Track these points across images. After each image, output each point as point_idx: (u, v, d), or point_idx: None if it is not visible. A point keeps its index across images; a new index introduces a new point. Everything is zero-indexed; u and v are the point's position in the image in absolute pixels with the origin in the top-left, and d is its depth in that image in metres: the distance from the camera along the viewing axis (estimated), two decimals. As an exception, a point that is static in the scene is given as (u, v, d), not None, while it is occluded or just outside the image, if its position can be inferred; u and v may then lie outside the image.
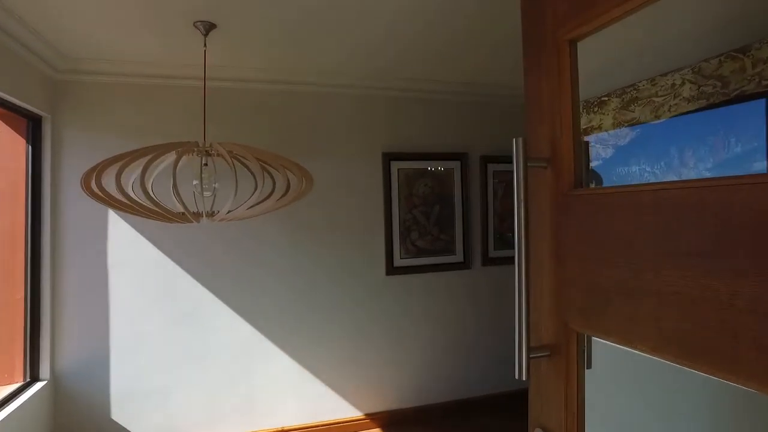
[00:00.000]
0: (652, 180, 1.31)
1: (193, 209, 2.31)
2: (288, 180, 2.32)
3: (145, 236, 3.04)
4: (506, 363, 3.86)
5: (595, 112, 1.53)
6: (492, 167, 3.78)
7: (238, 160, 2.37)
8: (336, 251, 3.38)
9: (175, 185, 2.01)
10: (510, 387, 3.84)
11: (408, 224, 3.55)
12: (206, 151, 2.23)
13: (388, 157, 3.47)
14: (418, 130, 3.60)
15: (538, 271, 1.17)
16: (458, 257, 3.69)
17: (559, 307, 1.11)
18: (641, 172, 1.31)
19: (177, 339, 3.10)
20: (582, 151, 1.11)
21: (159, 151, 2.07)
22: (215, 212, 2.32)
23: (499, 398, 3.77)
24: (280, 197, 2.25)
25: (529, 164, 1.13)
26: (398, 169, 3.51)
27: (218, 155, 2.22)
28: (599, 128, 1.50)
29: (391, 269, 3.49)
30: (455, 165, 3.66)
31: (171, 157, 2.14)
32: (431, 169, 3.59)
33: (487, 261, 3.77)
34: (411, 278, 3.56)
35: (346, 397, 3.41)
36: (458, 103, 3.71)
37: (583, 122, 1.59)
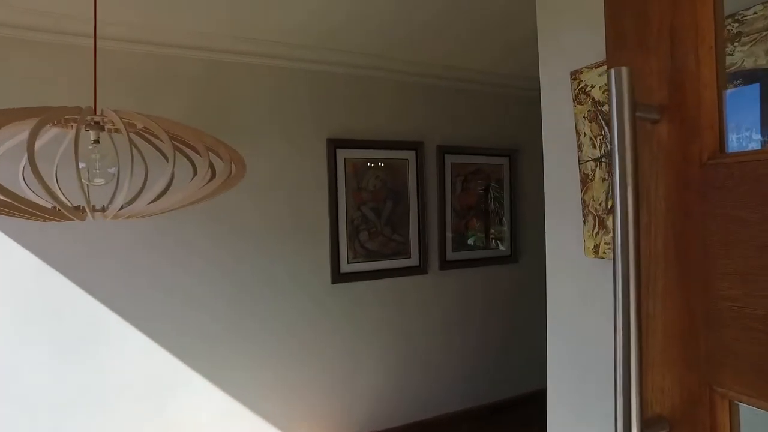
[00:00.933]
0: None
1: (81, 202, 1.68)
2: (211, 164, 1.75)
3: (15, 238, 2.31)
4: (469, 380, 3.48)
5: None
6: (450, 159, 3.38)
7: (142, 136, 1.76)
8: (271, 255, 2.81)
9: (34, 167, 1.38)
10: (475, 403, 3.46)
11: (356, 223, 3.05)
12: (96, 122, 1.61)
13: (334, 145, 2.96)
14: (368, 114, 3.11)
15: (646, 294, 0.72)
16: (413, 260, 3.24)
17: (691, 356, 0.66)
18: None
19: (65, 375, 2.39)
20: (725, 95, 0.67)
21: (17, 117, 1.43)
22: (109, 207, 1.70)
23: (463, 417, 3.38)
24: (203, 186, 1.68)
25: (637, 114, 0.67)
26: (345, 159, 3.01)
27: (114, 129, 1.61)
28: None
29: (338, 276, 2.98)
30: (409, 155, 3.22)
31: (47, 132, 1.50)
32: (381, 163, 3.12)
33: (445, 264, 3.36)
34: (360, 286, 3.07)
35: (285, 430, 2.85)
36: (415, 86, 3.27)
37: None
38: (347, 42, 2.78)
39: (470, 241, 3.49)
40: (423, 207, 3.25)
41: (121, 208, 1.63)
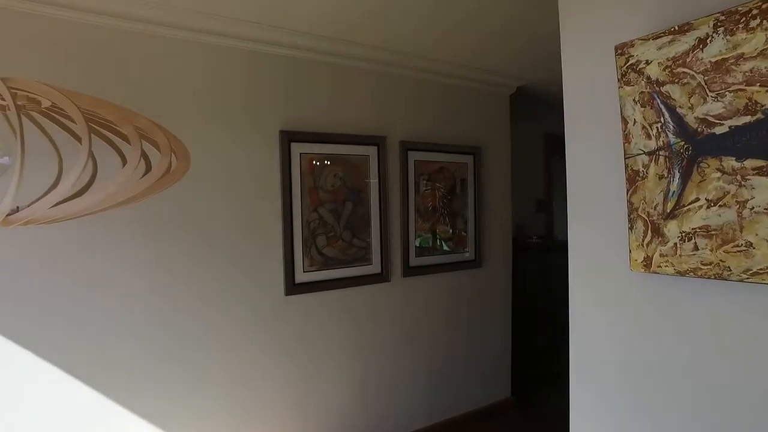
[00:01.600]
0: None
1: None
2: (144, 154, 1.34)
3: None
4: (434, 394, 3.21)
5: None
6: (413, 156, 3.09)
7: (52, 117, 1.31)
8: (214, 267, 2.39)
9: None
10: (441, 418, 3.21)
11: (313, 226, 2.69)
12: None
13: (288, 137, 2.58)
14: (327, 104, 2.75)
15: None
16: (375, 267, 2.92)
17: None
18: None
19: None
20: None
21: None
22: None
23: (423, 437, 3.11)
24: (134, 182, 1.26)
25: None
26: (301, 154, 2.63)
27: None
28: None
29: (293, 287, 2.60)
30: (371, 152, 2.89)
31: None
32: (341, 160, 2.77)
33: (409, 271, 3.07)
34: (317, 297, 2.71)
35: (230, 468, 2.44)
36: (380, 75, 2.95)
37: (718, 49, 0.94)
38: (299, 21, 2.41)
39: (435, 245, 3.23)
40: (385, 208, 2.94)
41: (16, 210, 1.18)
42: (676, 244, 1.02)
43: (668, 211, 1.03)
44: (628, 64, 1.09)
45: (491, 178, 3.53)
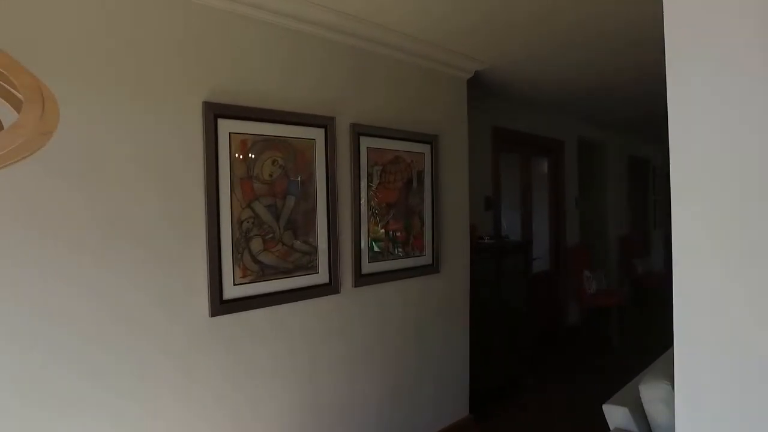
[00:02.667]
0: None
1: None
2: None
3: None
4: (392, 416, 2.75)
5: None
6: (366, 142, 2.61)
7: None
8: (114, 278, 1.76)
9: None
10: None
11: (247, 227, 2.12)
12: None
13: (214, 112, 1.99)
14: (265, 72, 2.19)
15: None
16: (322, 276, 2.41)
17: None
18: None
19: None
20: None
21: None
22: None
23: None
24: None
25: None
26: (231, 134, 2.06)
27: None
28: None
29: (220, 305, 2.02)
30: (317, 135, 2.37)
31: None
32: (281, 143, 2.23)
33: (361, 279, 2.59)
34: (252, 317, 2.14)
35: None
36: (331, 44, 2.44)
37: None
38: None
39: (389, 249, 2.77)
40: (333, 204, 2.43)
41: None
42: None
43: None
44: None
45: (449, 172, 3.13)
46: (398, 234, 2.81)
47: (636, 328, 5.87)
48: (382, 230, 2.72)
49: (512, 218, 4.97)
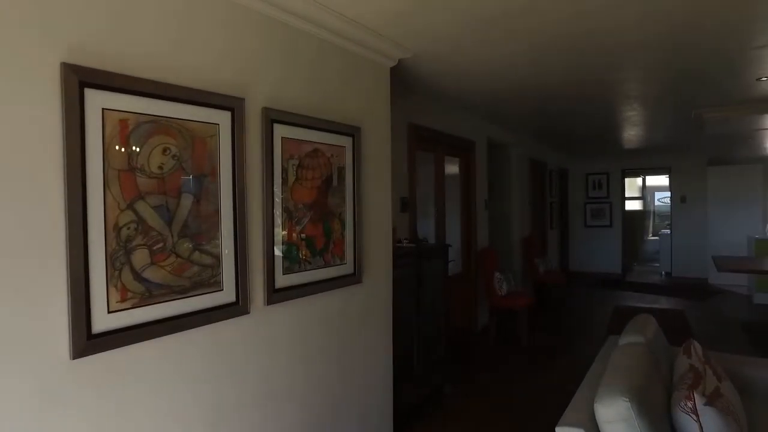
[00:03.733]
0: None
1: None
2: None
3: None
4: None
5: None
6: (281, 131, 2.19)
7: None
8: None
9: None
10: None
11: (127, 234, 1.61)
12: None
13: (80, 78, 1.46)
14: (153, 32, 1.69)
15: None
16: (227, 294, 1.95)
17: None
18: None
19: None
20: None
21: None
22: None
23: None
24: None
25: None
26: (105, 111, 1.54)
27: None
28: None
29: (87, 341, 1.49)
30: (222, 119, 1.91)
31: None
32: (175, 127, 1.74)
33: (274, 295, 2.16)
34: (135, 353, 1.64)
35: None
36: (244, 11, 1.98)
37: None
38: None
39: (307, 256, 2.37)
40: (242, 205, 1.99)
41: None
42: None
43: None
44: None
45: (372, 169, 2.81)
46: (317, 240, 2.43)
47: (541, 327, 6.01)
48: (299, 235, 2.32)
49: (426, 220, 4.79)
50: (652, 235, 12.13)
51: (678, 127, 6.36)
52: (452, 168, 5.35)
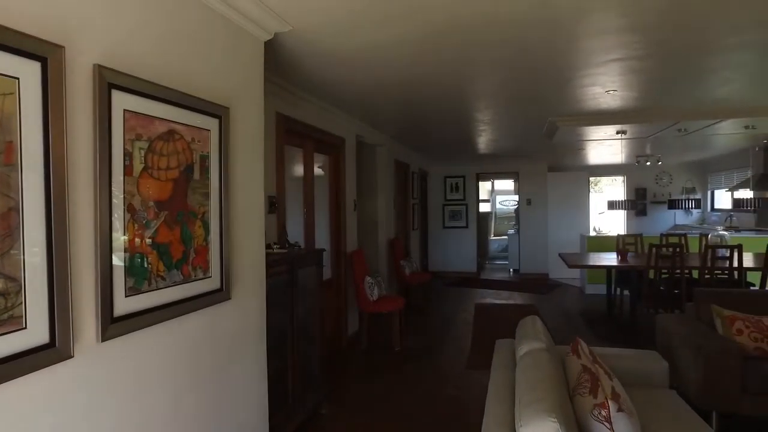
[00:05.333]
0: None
1: None
2: None
3: None
4: None
5: None
6: (125, 101, 1.60)
7: None
8: None
9: None
10: None
11: None
12: None
13: None
14: None
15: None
16: (34, 333, 1.32)
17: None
18: None
19: None
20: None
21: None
22: None
23: None
24: None
25: None
26: None
27: None
28: None
29: None
30: (25, 71, 1.29)
31: None
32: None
33: (114, 327, 1.56)
34: None
35: None
36: None
37: None
38: None
39: (161, 271, 1.80)
40: (59, 202, 1.37)
41: None
42: None
43: None
44: None
45: (243, 160, 2.31)
46: (173, 248, 1.87)
47: (412, 329, 5.93)
48: (149, 243, 1.74)
49: (294, 222, 4.33)
50: (494, 236, 13.12)
51: (529, 135, 6.81)
52: (323, 165, 4.97)
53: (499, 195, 13.56)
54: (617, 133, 5.95)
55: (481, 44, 2.95)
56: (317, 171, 4.80)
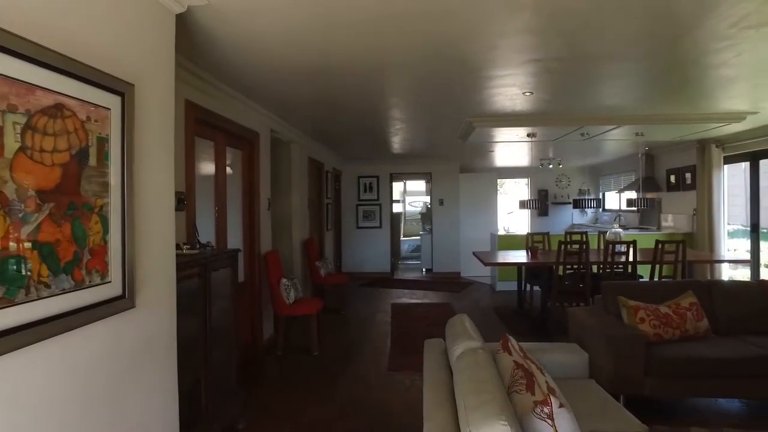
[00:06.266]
0: None
1: None
2: None
3: None
4: None
5: None
6: (-7, 62, 1.28)
7: None
8: None
9: None
10: None
11: None
12: None
13: None
14: None
15: None
16: None
17: None
18: None
19: None
20: None
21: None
22: None
23: None
24: None
25: None
26: None
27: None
28: None
29: None
30: None
31: None
32: None
33: (-20, 346, 1.24)
34: None
35: None
36: None
37: None
38: None
39: (44, 277, 1.47)
40: None
41: None
42: None
43: None
44: None
45: (150, 145, 2.00)
46: (61, 248, 1.54)
47: (328, 332, 5.73)
48: (28, 242, 1.41)
49: (206, 221, 3.97)
50: (404, 236, 13.29)
51: (443, 136, 6.91)
52: (235, 160, 4.63)
53: (409, 196, 13.77)
54: (528, 135, 6.20)
55: (397, 35, 2.85)
56: (230, 166, 4.45)
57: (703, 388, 3.36)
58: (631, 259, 5.49)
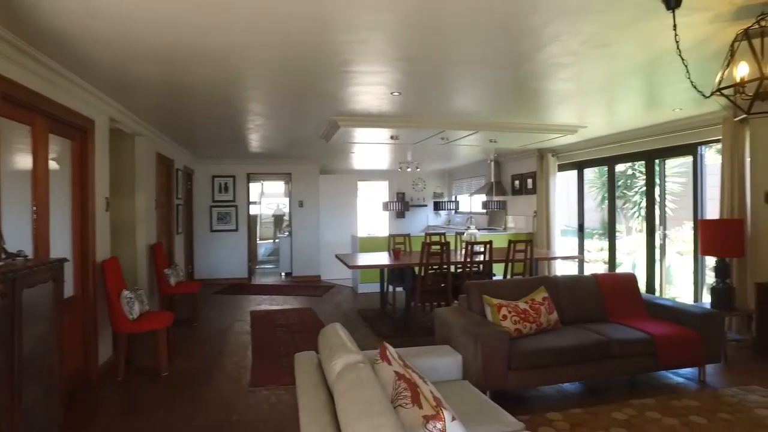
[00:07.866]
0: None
1: None
2: None
3: None
4: None
5: None
6: None
7: None
8: None
9: None
10: None
11: None
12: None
13: None
14: None
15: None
16: None
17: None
18: None
19: None
20: None
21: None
22: None
23: None
24: None
25: None
26: None
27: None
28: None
29: None
30: None
31: None
32: None
33: None
34: None
35: None
36: None
37: None
38: None
39: None
40: None
41: None
42: None
43: None
44: None
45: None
46: None
47: (179, 349, 5.10)
48: None
49: (18, 225, 3.20)
50: (260, 239, 12.74)
51: (304, 135, 6.66)
52: (62, 151, 3.84)
53: (267, 198, 13.22)
54: (391, 138, 6.25)
55: (256, 15, 2.57)
56: (56, 159, 3.68)
57: (554, 376, 3.65)
58: (487, 258, 5.82)
